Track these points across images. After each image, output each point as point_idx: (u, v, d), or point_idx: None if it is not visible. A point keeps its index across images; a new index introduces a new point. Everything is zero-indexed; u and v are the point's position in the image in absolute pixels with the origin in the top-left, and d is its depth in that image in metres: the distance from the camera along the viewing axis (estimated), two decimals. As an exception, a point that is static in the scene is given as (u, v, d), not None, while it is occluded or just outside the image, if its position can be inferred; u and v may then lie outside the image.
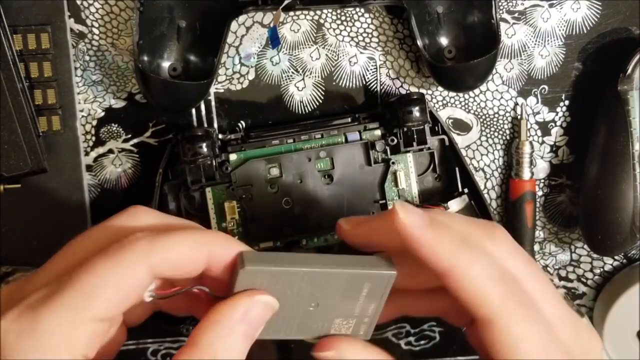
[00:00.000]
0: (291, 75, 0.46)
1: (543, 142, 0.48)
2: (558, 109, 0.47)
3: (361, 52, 0.46)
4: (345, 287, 0.30)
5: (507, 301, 0.28)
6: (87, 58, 0.44)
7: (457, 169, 0.44)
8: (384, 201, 0.43)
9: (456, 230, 0.30)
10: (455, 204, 0.43)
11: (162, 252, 0.27)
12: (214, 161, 0.42)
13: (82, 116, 0.45)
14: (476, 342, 0.31)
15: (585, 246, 0.49)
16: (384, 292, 0.31)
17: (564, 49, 0.46)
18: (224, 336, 0.27)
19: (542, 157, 0.48)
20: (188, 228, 0.30)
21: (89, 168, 0.45)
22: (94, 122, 0.45)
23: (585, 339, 0.30)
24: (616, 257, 0.49)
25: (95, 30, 0.44)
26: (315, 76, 0.46)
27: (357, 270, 0.30)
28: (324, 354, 0.30)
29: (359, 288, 0.30)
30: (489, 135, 0.47)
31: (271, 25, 0.45)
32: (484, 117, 0.47)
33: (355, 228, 0.33)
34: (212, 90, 0.45)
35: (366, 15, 0.45)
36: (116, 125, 0.45)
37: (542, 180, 0.48)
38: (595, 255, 0.49)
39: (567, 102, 0.47)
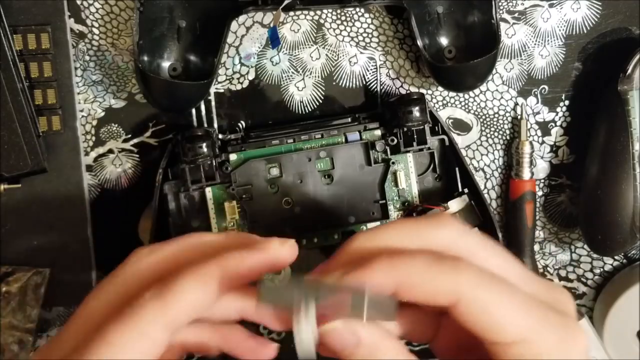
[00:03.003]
0: (291, 75, 0.46)
1: (543, 142, 0.48)
2: (558, 109, 0.47)
3: (361, 52, 0.46)
4: None
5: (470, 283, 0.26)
6: (87, 58, 0.44)
7: (457, 169, 0.44)
8: (384, 201, 0.43)
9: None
10: (455, 204, 0.43)
11: (174, 308, 0.27)
12: (214, 161, 0.42)
13: (82, 116, 0.45)
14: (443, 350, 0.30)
15: (585, 246, 0.49)
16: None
17: (564, 49, 0.47)
18: None
19: (542, 157, 0.48)
20: (193, 263, 0.29)
21: (89, 168, 0.45)
22: (94, 122, 0.45)
23: (555, 291, 0.29)
24: (616, 257, 0.49)
25: (95, 30, 0.44)
26: (315, 76, 0.46)
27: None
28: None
29: None
30: (489, 135, 0.47)
31: (271, 25, 0.45)
32: (484, 117, 0.47)
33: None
34: (212, 90, 0.45)
35: (366, 15, 0.45)
36: (116, 125, 0.45)
37: (542, 180, 0.48)
38: (595, 255, 0.49)
39: (567, 102, 0.47)
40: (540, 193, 0.48)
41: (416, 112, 0.43)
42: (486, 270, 0.27)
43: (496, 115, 0.47)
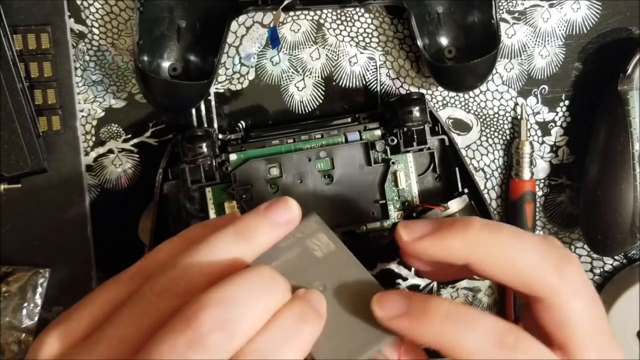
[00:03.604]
0: (291, 75, 0.46)
1: (543, 142, 0.48)
2: (558, 109, 0.47)
3: (361, 52, 0.46)
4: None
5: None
6: (87, 58, 0.44)
7: (457, 169, 0.44)
8: (383, 201, 0.43)
9: (530, 255, 0.30)
10: (455, 204, 0.43)
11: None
12: (214, 161, 0.42)
13: (82, 116, 0.45)
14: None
15: (585, 246, 0.49)
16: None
17: (564, 49, 0.47)
18: None
19: (542, 157, 0.48)
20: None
21: (89, 168, 0.45)
22: (94, 122, 0.45)
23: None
24: (616, 257, 0.49)
25: (95, 30, 0.44)
26: (315, 76, 0.46)
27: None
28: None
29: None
30: (489, 135, 0.47)
31: (271, 25, 0.45)
32: (484, 117, 0.47)
33: (418, 241, 0.32)
34: (212, 90, 0.45)
35: (366, 15, 0.45)
36: (116, 125, 0.45)
37: (542, 180, 0.48)
38: (595, 255, 0.49)
39: (567, 102, 0.47)
40: (540, 193, 0.48)
41: (416, 112, 0.42)
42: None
43: (496, 115, 0.47)
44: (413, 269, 0.48)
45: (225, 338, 0.25)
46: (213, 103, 0.45)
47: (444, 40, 0.44)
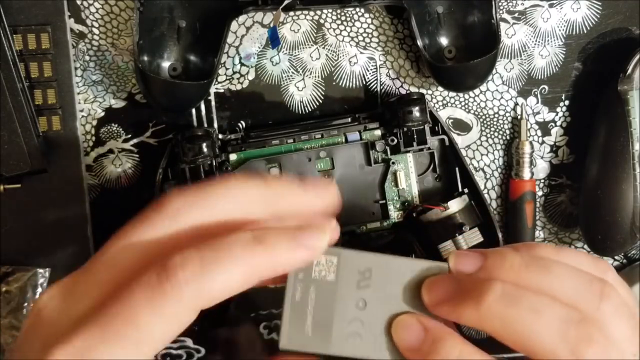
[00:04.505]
0: (291, 75, 0.46)
1: (543, 142, 0.48)
2: (558, 109, 0.47)
3: (361, 52, 0.46)
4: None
5: None
6: (87, 58, 0.44)
7: (457, 169, 0.44)
8: (384, 201, 0.43)
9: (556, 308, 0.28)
10: (455, 204, 0.43)
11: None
12: (214, 161, 0.42)
13: (82, 116, 0.45)
14: None
15: (585, 246, 0.49)
16: None
17: (564, 49, 0.47)
18: None
19: (542, 157, 0.48)
20: (236, 238, 0.27)
21: (89, 168, 0.45)
22: (94, 122, 0.45)
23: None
24: (616, 257, 0.49)
25: (95, 30, 0.44)
26: (315, 76, 0.46)
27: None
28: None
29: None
30: (489, 135, 0.47)
31: (271, 25, 0.45)
32: (484, 117, 0.47)
33: (437, 307, 0.30)
34: (212, 90, 0.45)
35: (366, 15, 0.45)
36: (116, 125, 0.45)
37: (542, 180, 0.48)
38: (595, 255, 0.49)
39: (567, 102, 0.47)
40: (540, 193, 0.48)
41: (416, 112, 0.43)
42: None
43: (496, 115, 0.47)
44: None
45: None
46: (213, 103, 0.45)
47: (444, 40, 0.44)
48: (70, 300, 0.27)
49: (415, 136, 0.43)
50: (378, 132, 0.44)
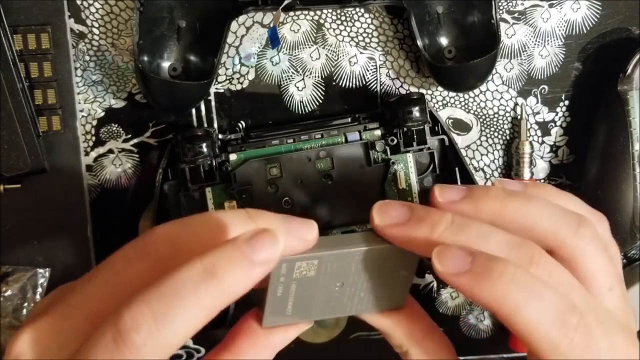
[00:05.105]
0: (291, 75, 0.46)
1: (543, 142, 0.48)
2: (558, 109, 0.47)
3: (361, 52, 0.46)
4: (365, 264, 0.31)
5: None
6: (87, 58, 0.44)
7: (457, 169, 0.44)
8: (384, 201, 0.43)
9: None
10: (455, 204, 0.43)
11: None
12: (214, 161, 0.42)
13: (82, 116, 0.45)
14: None
15: (585, 246, 0.49)
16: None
17: (564, 49, 0.47)
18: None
19: (542, 157, 0.48)
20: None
21: (89, 168, 0.45)
22: (94, 122, 0.45)
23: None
24: (616, 257, 0.49)
25: (95, 30, 0.44)
26: (315, 76, 0.46)
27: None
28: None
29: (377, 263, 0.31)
30: (489, 135, 0.47)
31: (271, 25, 0.45)
32: (484, 117, 0.47)
33: (388, 229, 0.31)
34: (212, 90, 0.45)
35: (366, 15, 0.45)
36: (116, 125, 0.45)
37: (542, 180, 0.48)
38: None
39: (567, 102, 0.47)
40: (540, 193, 0.48)
41: (416, 112, 0.43)
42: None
43: (496, 115, 0.47)
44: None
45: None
46: (213, 103, 0.45)
47: (444, 40, 0.44)
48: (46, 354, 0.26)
49: (415, 136, 0.43)
50: (378, 132, 0.44)
